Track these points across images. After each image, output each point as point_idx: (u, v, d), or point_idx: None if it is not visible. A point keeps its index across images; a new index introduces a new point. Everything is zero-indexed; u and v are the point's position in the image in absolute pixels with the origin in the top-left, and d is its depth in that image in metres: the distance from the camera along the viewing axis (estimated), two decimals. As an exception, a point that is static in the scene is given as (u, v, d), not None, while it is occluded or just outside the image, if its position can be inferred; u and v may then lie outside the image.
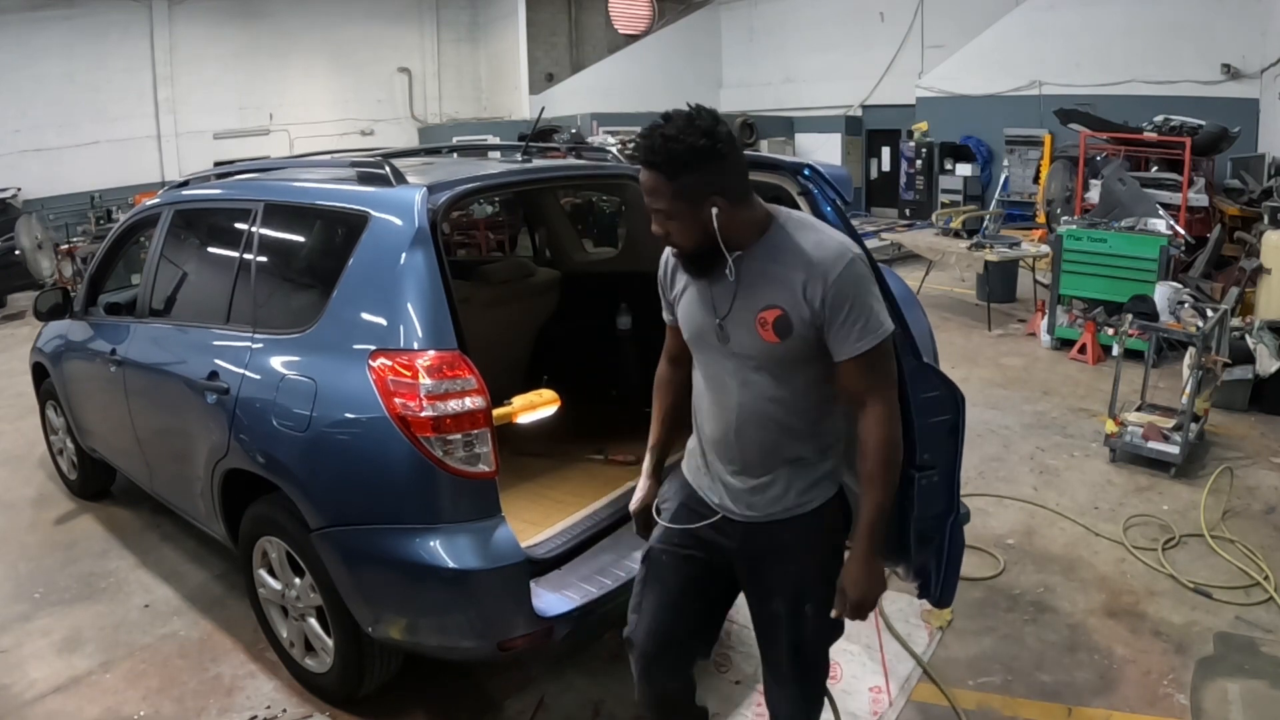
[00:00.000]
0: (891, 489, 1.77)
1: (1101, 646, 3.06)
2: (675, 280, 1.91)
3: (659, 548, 2.02)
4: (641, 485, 2.12)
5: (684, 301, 1.88)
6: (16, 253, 9.69)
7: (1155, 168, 8.98)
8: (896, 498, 2.24)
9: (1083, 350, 6.55)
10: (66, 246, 9.86)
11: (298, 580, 2.73)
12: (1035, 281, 8.10)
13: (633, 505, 2.14)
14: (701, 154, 1.61)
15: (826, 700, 2.16)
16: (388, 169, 2.58)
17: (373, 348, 2.35)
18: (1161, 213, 7.13)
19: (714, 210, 1.65)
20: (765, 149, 14.87)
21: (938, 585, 2.36)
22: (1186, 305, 5.37)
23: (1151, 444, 4.50)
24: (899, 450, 1.78)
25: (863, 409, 1.74)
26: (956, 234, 8.56)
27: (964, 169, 13.00)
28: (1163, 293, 5.67)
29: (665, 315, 2.01)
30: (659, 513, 2.04)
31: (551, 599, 2.38)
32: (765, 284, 1.73)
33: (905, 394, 2.13)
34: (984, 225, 8.38)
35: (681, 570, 1.98)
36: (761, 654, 2.05)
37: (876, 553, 1.78)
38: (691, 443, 2.00)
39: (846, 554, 1.82)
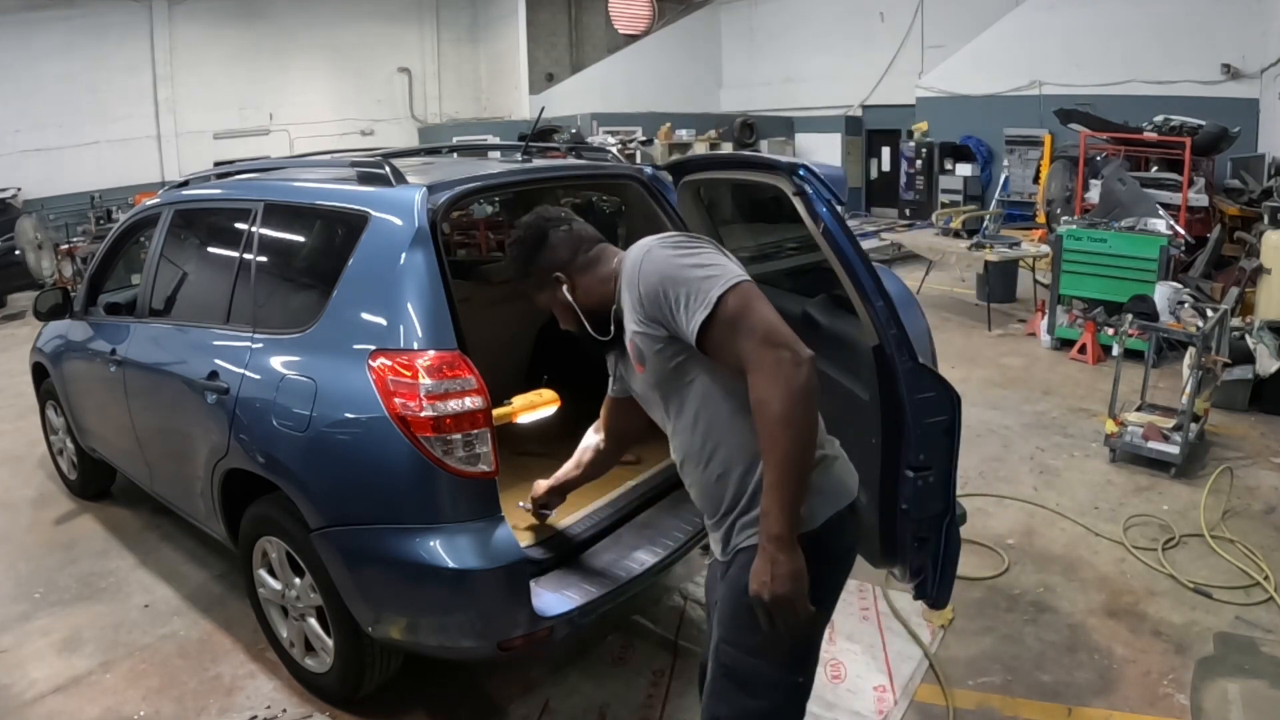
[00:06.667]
0: (779, 458, 1.50)
1: (1101, 646, 3.06)
2: None
3: None
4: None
5: None
6: (16, 253, 9.71)
7: (1155, 168, 8.97)
8: (886, 496, 2.23)
9: (1083, 350, 6.55)
10: (66, 246, 9.86)
11: (298, 580, 2.73)
12: (1035, 281, 8.10)
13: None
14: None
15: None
16: (388, 169, 2.58)
17: (373, 348, 2.35)
18: (1161, 213, 7.12)
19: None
20: (765, 149, 14.88)
21: (934, 586, 2.36)
22: (1186, 305, 5.37)
23: (1151, 444, 4.50)
24: (791, 405, 1.48)
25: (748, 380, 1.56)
26: (956, 234, 8.56)
27: (964, 169, 12.99)
28: (1163, 293, 5.66)
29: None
30: None
31: (551, 599, 2.38)
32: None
33: (899, 395, 2.13)
34: (984, 225, 8.38)
35: None
36: None
37: (776, 538, 1.51)
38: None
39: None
